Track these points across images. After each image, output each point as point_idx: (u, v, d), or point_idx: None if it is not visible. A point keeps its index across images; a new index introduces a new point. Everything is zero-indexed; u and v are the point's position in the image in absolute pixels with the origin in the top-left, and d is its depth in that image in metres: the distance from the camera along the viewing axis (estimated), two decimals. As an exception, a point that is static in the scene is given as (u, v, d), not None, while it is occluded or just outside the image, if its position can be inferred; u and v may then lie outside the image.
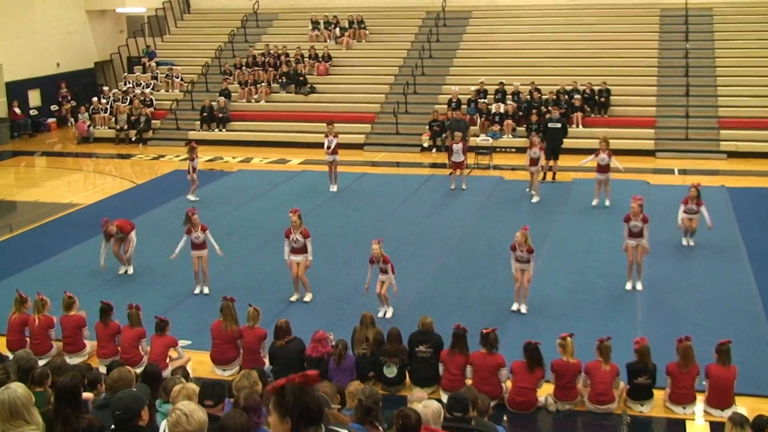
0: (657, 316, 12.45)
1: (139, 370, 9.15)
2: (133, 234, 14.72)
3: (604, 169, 17.92)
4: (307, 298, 13.39)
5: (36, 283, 13.77)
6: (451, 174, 20.46)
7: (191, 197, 19.44)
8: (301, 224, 13.20)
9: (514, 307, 12.64)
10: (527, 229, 12.52)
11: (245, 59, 30.12)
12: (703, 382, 9.66)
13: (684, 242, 15.67)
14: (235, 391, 6.89)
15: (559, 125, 20.86)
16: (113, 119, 28.61)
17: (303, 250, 13.17)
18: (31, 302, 11.61)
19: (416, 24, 31.53)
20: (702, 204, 15.26)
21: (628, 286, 13.49)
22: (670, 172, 21.88)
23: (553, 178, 20.66)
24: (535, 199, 18.88)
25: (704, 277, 14.09)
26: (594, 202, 18.11)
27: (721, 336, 10.08)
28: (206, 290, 13.70)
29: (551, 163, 20.58)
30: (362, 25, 31.19)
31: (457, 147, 19.98)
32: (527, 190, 19.22)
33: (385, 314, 12.54)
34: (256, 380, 7.07)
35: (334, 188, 19.95)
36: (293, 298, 13.37)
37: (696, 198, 15.24)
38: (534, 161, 19.02)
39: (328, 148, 19.66)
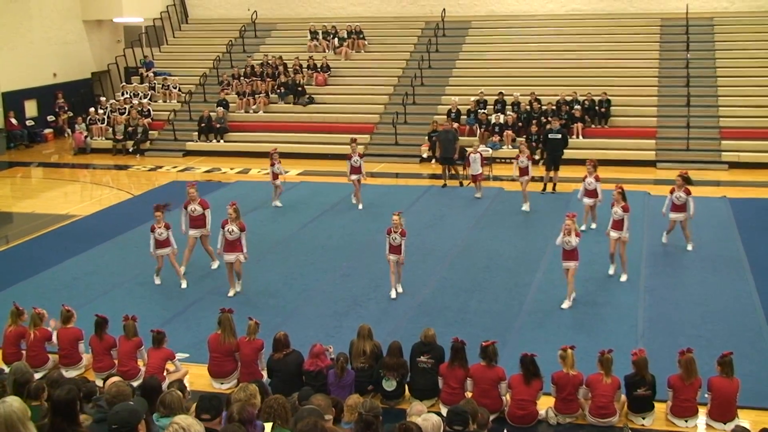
0: (658, 328, 12.46)
1: (136, 383, 9.15)
2: (208, 212, 15.14)
3: (591, 193, 17.06)
4: (238, 288, 14.19)
5: (32, 295, 13.79)
6: (471, 184, 20.48)
7: (277, 203, 19.77)
8: (237, 217, 13.96)
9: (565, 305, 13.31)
10: (575, 216, 13.45)
11: (243, 69, 30.20)
12: (706, 395, 9.66)
13: (664, 240, 16.20)
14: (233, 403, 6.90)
15: (559, 136, 20.88)
16: (110, 130, 28.65)
17: (237, 245, 13.86)
18: (27, 315, 11.59)
19: (415, 34, 31.63)
20: (690, 193, 15.60)
21: (611, 271, 14.42)
22: (672, 183, 21.80)
23: (554, 189, 20.67)
24: (525, 208, 18.91)
25: (706, 289, 14.10)
26: (582, 227, 16.99)
27: (723, 348, 10.07)
28: (157, 280, 14.70)
29: (552, 173, 20.59)
30: (361, 36, 31.28)
31: (475, 157, 20.03)
32: (523, 207, 19.11)
33: (397, 294, 13.81)
34: (254, 393, 7.07)
35: (360, 206, 19.63)
36: (230, 294, 14.05)
37: (683, 186, 15.57)
38: (523, 171, 18.90)
39: (354, 167, 19.43)
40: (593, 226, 17.34)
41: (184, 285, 14.57)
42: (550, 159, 20.61)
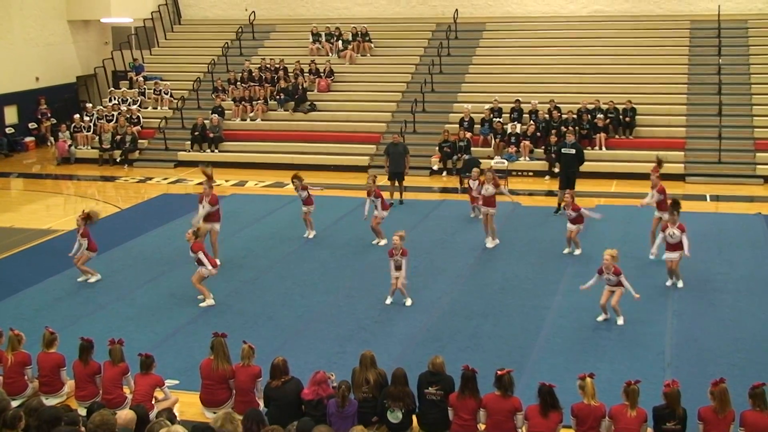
0: (687, 355, 12.41)
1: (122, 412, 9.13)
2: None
3: (576, 219, 17.07)
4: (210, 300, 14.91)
5: (10, 316, 13.83)
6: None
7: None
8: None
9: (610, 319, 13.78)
10: (616, 252, 13.74)
11: (240, 74, 30.35)
12: (739, 430, 9.61)
13: (668, 283, 15.32)
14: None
15: (573, 151, 20.33)
16: (96, 138, 28.79)
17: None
18: (4, 337, 11.60)
19: (425, 37, 31.77)
20: (684, 230, 14.92)
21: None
22: (702, 198, 21.88)
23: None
24: (489, 244, 17.93)
25: (739, 313, 14.05)
26: (566, 250, 17.33)
27: (759, 378, 10.02)
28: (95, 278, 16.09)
29: (568, 191, 20.27)
30: (367, 38, 31.42)
31: (475, 185, 19.22)
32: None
33: (405, 303, 14.55)
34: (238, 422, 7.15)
35: (311, 234, 18.86)
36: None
37: (677, 222, 14.95)
38: (488, 200, 17.90)
39: (305, 201, 18.67)
40: (577, 252, 17.20)
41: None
42: (563, 177, 20.28)
